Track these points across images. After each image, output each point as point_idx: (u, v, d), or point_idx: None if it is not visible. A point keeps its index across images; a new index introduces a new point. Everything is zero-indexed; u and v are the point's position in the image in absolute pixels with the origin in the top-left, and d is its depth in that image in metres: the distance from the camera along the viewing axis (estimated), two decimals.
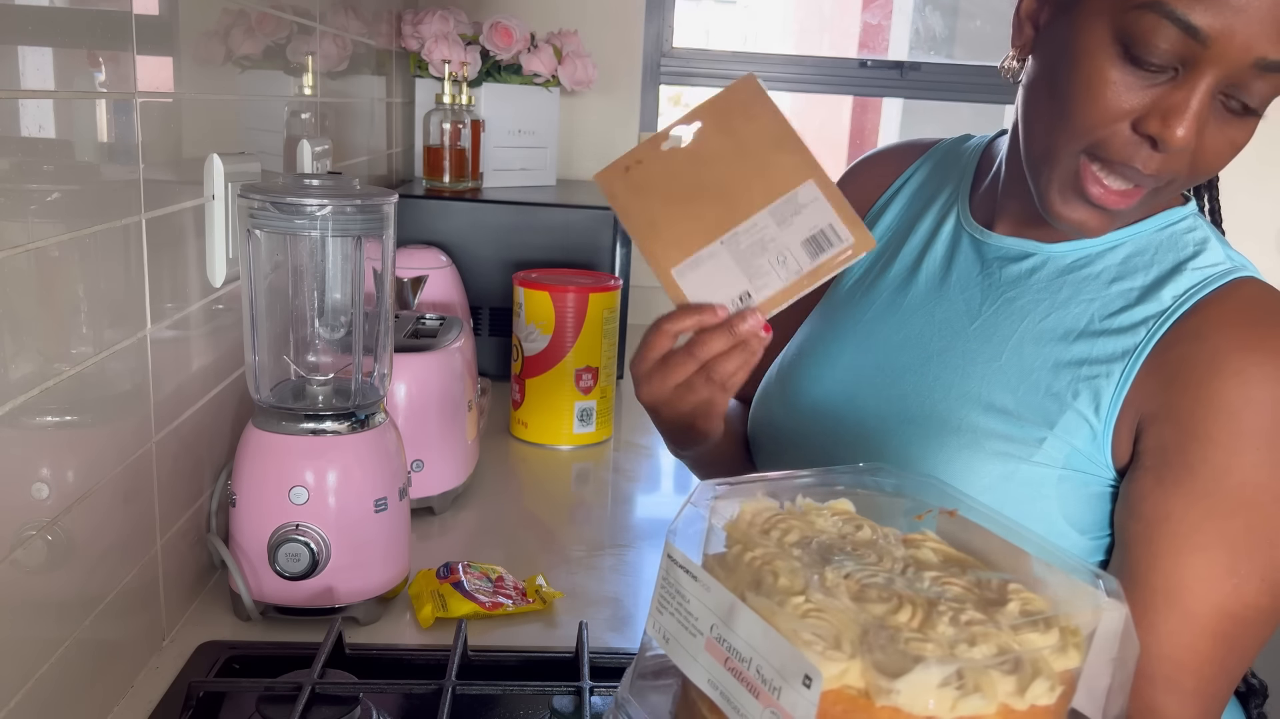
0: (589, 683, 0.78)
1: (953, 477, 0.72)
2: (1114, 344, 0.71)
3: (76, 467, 0.71)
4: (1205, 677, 0.69)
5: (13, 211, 0.62)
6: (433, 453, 1.19)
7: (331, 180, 0.93)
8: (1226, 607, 0.67)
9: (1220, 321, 0.68)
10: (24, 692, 0.66)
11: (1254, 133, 0.70)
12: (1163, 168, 0.68)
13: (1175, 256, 0.73)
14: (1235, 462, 0.66)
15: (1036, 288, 0.76)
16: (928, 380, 0.78)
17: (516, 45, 1.97)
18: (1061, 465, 0.71)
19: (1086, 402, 0.70)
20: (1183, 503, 0.67)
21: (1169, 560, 0.68)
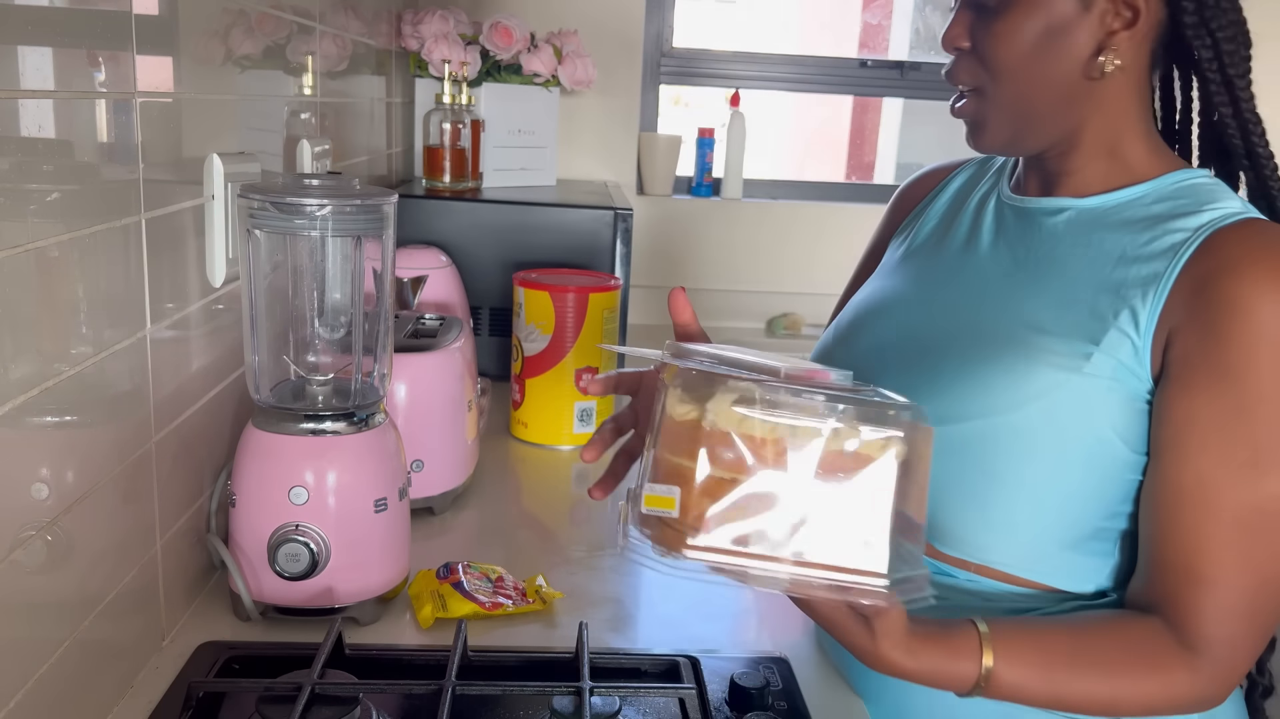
0: (589, 683, 0.78)
1: (1010, 383, 0.79)
2: (1146, 268, 0.77)
3: (76, 467, 0.71)
4: (1225, 564, 0.73)
5: (12, 211, 0.62)
6: (433, 453, 1.19)
7: (331, 180, 0.93)
8: (1248, 499, 0.72)
9: (1236, 244, 0.74)
10: (24, 692, 0.66)
11: (1028, 20, 0.78)
12: (958, 69, 0.84)
13: (1195, 201, 0.79)
14: (1253, 360, 0.71)
15: (1073, 235, 0.84)
16: (982, 312, 0.85)
17: (516, 45, 1.97)
18: (1109, 378, 0.76)
19: (1127, 319, 0.77)
20: (1206, 403, 0.73)
21: (1195, 459, 0.73)
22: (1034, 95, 0.81)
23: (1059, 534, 0.80)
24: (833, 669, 0.92)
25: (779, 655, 0.92)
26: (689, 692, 0.81)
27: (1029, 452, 0.78)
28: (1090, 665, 0.74)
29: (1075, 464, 0.78)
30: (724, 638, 0.96)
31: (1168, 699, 0.75)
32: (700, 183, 2.53)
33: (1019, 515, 0.79)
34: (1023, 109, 0.82)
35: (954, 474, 0.79)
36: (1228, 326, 0.72)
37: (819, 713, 0.84)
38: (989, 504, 0.80)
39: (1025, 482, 0.78)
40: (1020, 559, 0.81)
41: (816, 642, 0.95)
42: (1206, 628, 0.74)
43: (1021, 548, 0.81)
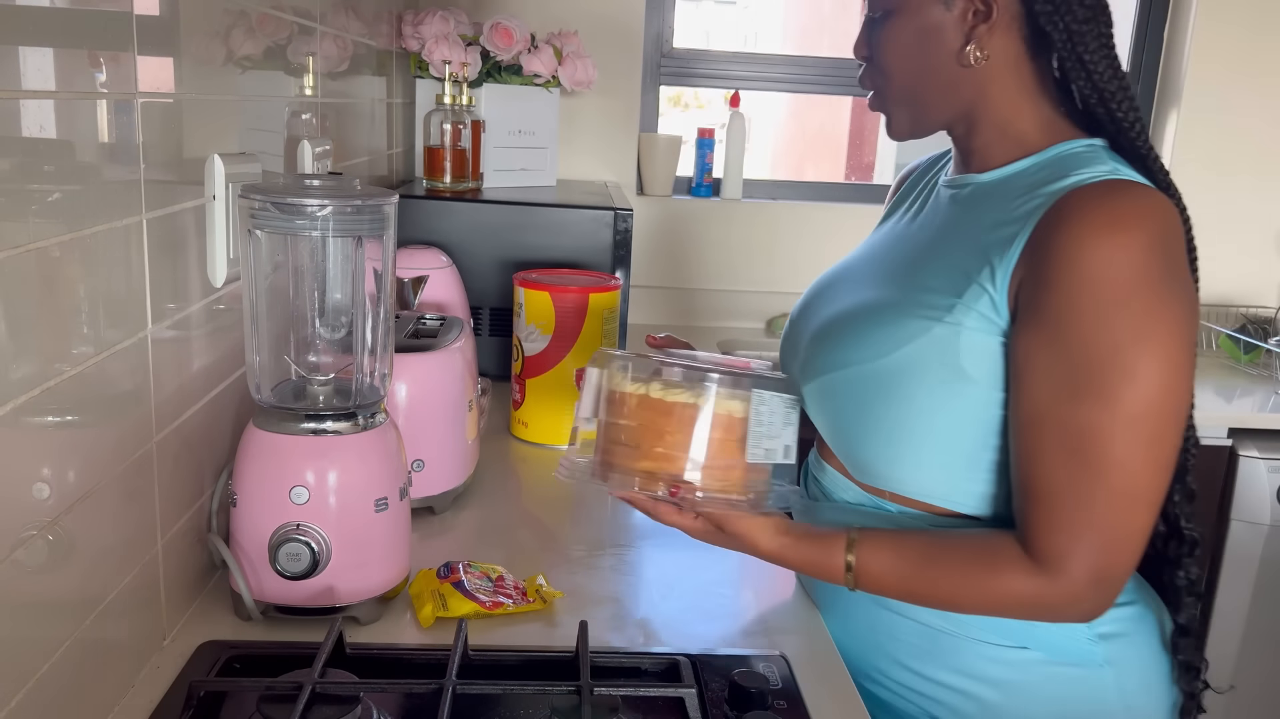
0: (589, 683, 0.78)
1: (885, 333, 0.92)
2: (1007, 230, 0.88)
3: (77, 466, 0.71)
4: (1054, 482, 0.83)
5: (14, 212, 0.63)
6: (433, 453, 1.19)
7: (332, 181, 0.93)
8: (1070, 424, 0.82)
9: (1076, 202, 0.84)
10: (25, 691, 0.66)
11: (904, 27, 0.92)
12: (863, 75, 0.98)
13: (1065, 169, 0.89)
14: (1074, 304, 0.81)
15: (967, 206, 0.96)
16: (887, 281, 0.99)
17: (517, 46, 1.97)
18: (967, 326, 0.88)
19: (986, 275, 0.88)
20: (1039, 343, 0.84)
21: (1031, 391, 0.84)
22: (919, 87, 0.94)
23: (947, 462, 0.91)
24: (832, 668, 0.93)
25: (779, 655, 0.92)
26: (689, 691, 0.81)
27: (901, 390, 0.90)
28: (938, 563, 0.87)
29: (945, 399, 0.89)
30: (724, 638, 0.97)
31: (1003, 598, 0.86)
32: (700, 183, 2.53)
33: (910, 446, 0.91)
34: (913, 99, 0.96)
35: (851, 413, 0.95)
36: (1055, 274, 0.82)
37: (819, 713, 0.85)
38: (886, 437, 0.92)
39: (907, 416, 0.91)
40: (924, 486, 0.93)
41: (800, 586, 1.09)
42: (1042, 539, 0.84)
43: (922, 476, 0.92)
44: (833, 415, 0.97)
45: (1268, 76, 2.47)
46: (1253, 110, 2.48)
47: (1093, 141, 0.92)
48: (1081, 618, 0.86)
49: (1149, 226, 0.82)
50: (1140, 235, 0.82)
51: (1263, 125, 2.49)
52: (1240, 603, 2.05)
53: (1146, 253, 0.81)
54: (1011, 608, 0.86)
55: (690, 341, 1.16)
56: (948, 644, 0.93)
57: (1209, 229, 2.57)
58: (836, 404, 0.96)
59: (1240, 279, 2.56)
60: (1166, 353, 0.81)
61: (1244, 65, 2.45)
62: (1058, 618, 0.87)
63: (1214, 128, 2.48)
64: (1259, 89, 2.47)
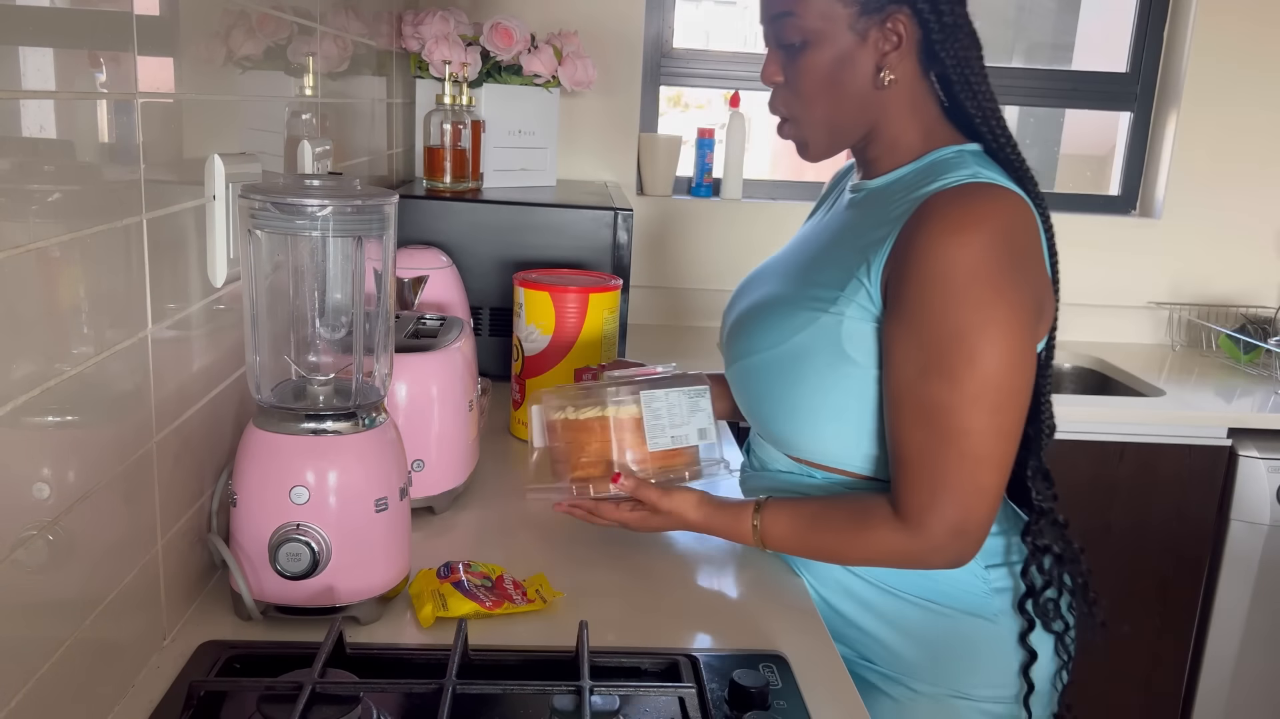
0: (589, 683, 0.78)
1: (780, 323, 1.06)
2: (882, 231, 1.00)
3: (77, 466, 0.71)
4: (913, 449, 0.96)
5: (14, 212, 0.63)
6: (433, 453, 1.19)
7: (332, 181, 0.93)
8: (921, 398, 0.95)
9: (935, 204, 0.96)
10: (25, 691, 0.66)
11: (821, 56, 1.01)
12: (779, 100, 1.06)
13: (936, 176, 1.00)
14: (924, 293, 0.94)
15: (856, 211, 1.08)
16: (787, 274, 1.11)
17: (517, 46, 1.97)
18: (848, 315, 1.01)
19: (863, 271, 1.00)
20: (899, 329, 0.96)
21: (894, 371, 0.97)
22: (837, 110, 1.04)
23: (841, 432, 1.04)
24: (832, 668, 0.93)
25: (779, 655, 0.92)
26: (689, 691, 0.81)
27: (800, 372, 1.04)
28: (824, 523, 1.02)
29: (833, 379, 1.02)
30: (724, 638, 0.97)
31: (878, 550, 0.99)
32: (700, 183, 2.53)
33: (809, 420, 1.05)
34: (830, 123, 1.05)
35: (759, 393, 1.09)
36: (911, 270, 0.95)
37: (819, 713, 0.85)
38: (790, 413, 1.06)
39: (804, 394, 1.04)
40: (829, 454, 1.07)
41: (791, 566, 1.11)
42: (906, 499, 0.97)
43: (824, 445, 1.06)
44: (748, 396, 1.12)
45: (1268, 76, 2.47)
46: (1252, 110, 2.48)
47: (964, 147, 1.03)
48: (947, 565, 0.99)
49: (993, 224, 0.93)
50: (983, 233, 0.93)
51: (1262, 125, 2.49)
52: (1240, 603, 2.05)
53: (987, 248, 0.92)
54: (885, 559, 1.00)
55: (642, 361, 1.31)
56: (871, 592, 1.06)
57: (1209, 229, 2.58)
58: (750, 387, 1.11)
59: (1240, 279, 2.56)
60: (1006, 336, 0.93)
61: (1244, 65, 2.45)
62: (924, 566, 1.00)
63: (1214, 127, 2.49)
64: (1259, 89, 2.47)
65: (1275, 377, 2.26)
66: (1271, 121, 2.49)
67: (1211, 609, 2.06)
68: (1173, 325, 2.54)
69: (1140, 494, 2.03)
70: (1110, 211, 2.63)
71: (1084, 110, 2.70)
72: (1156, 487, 2.03)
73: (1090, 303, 2.55)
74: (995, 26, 2.79)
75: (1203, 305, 2.54)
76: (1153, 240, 2.54)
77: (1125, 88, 2.58)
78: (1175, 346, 2.53)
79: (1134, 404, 2.07)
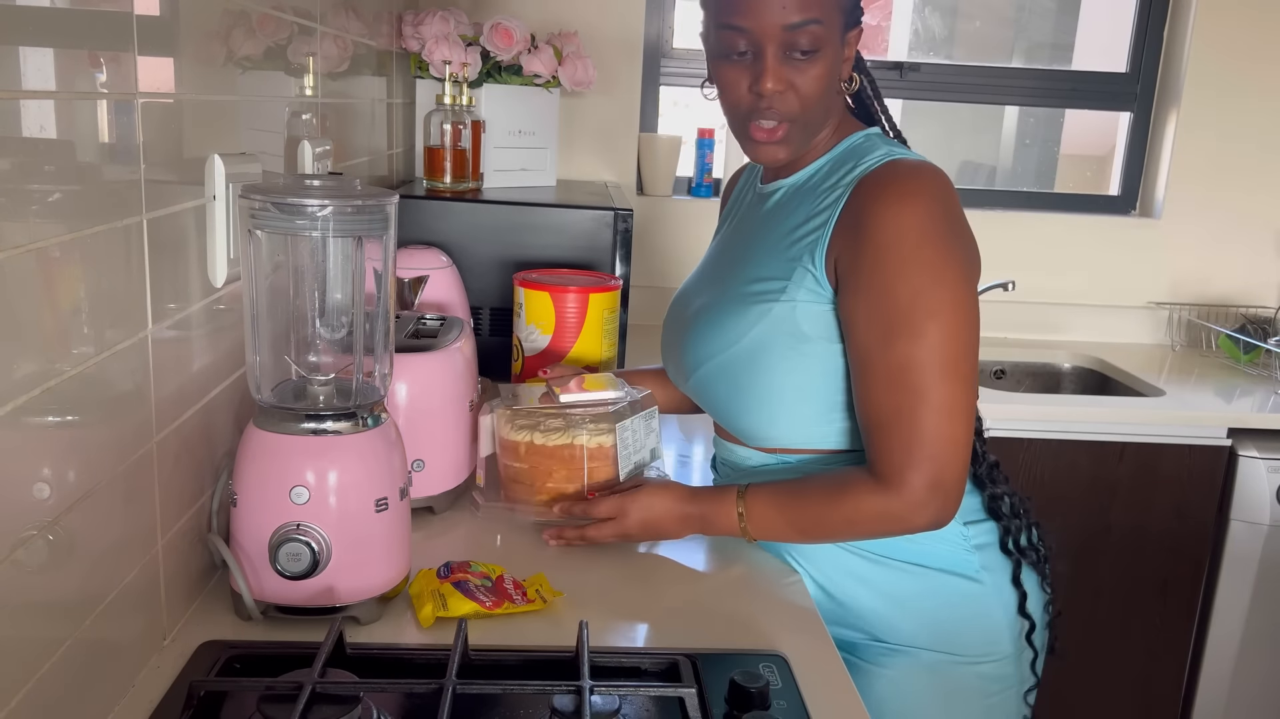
0: (589, 683, 0.78)
1: (733, 322, 1.09)
2: (819, 219, 1.06)
3: (78, 466, 0.71)
4: (886, 411, 1.00)
5: (14, 212, 0.63)
6: (433, 453, 1.19)
7: (332, 181, 0.93)
8: (888, 361, 0.99)
9: (870, 182, 1.03)
10: (25, 691, 0.66)
11: (828, 64, 1.04)
12: (780, 106, 1.04)
13: (856, 160, 1.07)
14: (879, 260, 0.99)
15: (782, 206, 1.13)
16: (725, 279, 1.15)
17: (517, 46, 1.97)
18: (798, 300, 1.05)
19: (806, 258, 1.05)
20: (858, 299, 1.01)
21: (855, 343, 1.02)
22: (820, 115, 1.08)
23: (811, 411, 1.08)
24: (832, 668, 0.93)
25: (779, 655, 0.92)
26: (689, 691, 0.81)
27: (761, 363, 1.08)
28: (806, 497, 1.05)
29: (795, 361, 1.06)
30: (724, 638, 0.97)
31: (861, 517, 1.02)
32: (700, 183, 2.53)
33: (779, 406, 1.09)
34: (814, 127, 1.09)
35: (727, 393, 1.12)
36: (862, 244, 1.00)
37: (819, 713, 0.85)
38: (759, 404, 1.10)
39: (770, 382, 1.08)
40: (801, 435, 1.10)
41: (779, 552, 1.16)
42: (882, 461, 1.00)
43: (796, 428, 1.10)
44: (714, 400, 1.15)
45: (1267, 76, 2.47)
46: (1252, 110, 2.48)
47: (868, 132, 1.12)
48: (930, 524, 1.01)
49: (929, 192, 1.00)
50: (921, 201, 0.99)
51: (1262, 125, 2.49)
52: (1240, 603, 2.05)
53: (929, 214, 0.99)
54: (869, 524, 1.02)
55: (582, 369, 1.37)
56: (857, 562, 1.10)
57: (1209, 229, 2.58)
58: (714, 390, 1.13)
59: (1240, 279, 2.56)
60: (958, 290, 0.99)
61: (1244, 65, 2.45)
62: (908, 527, 1.02)
63: (1214, 128, 2.49)
64: (1259, 89, 2.47)
65: (1275, 376, 2.26)
66: (1271, 121, 2.49)
67: (1211, 609, 2.06)
68: (1173, 325, 2.54)
69: (1140, 494, 2.03)
70: (1110, 212, 2.63)
71: (1084, 110, 2.70)
72: (1156, 487, 2.03)
73: (1090, 303, 2.55)
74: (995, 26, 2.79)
75: (1203, 305, 2.54)
76: (1153, 240, 2.54)
77: (1125, 88, 2.59)
78: (1175, 346, 2.53)
79: (1134, 404, 2.07)
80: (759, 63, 1.03)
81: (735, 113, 1.08)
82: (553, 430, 1.15)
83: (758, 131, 1.06)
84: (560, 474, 1.15)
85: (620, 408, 1.18)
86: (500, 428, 1.17)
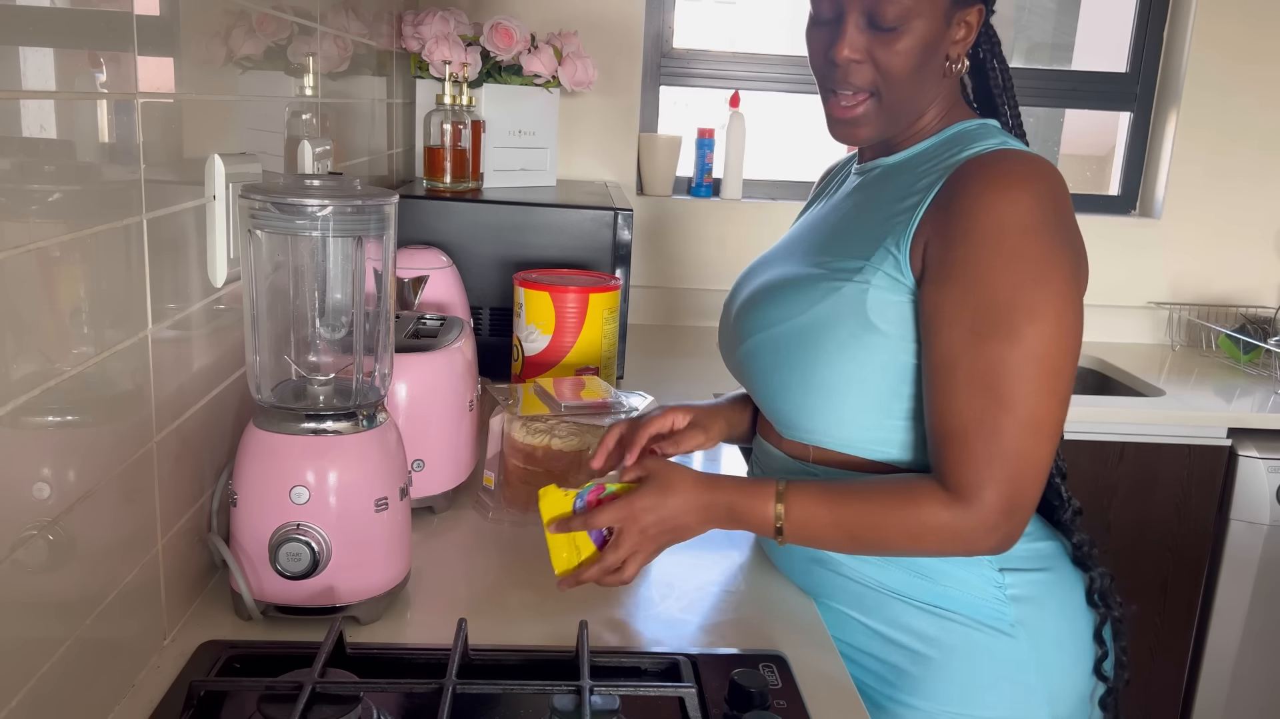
0: (589, 682, 0.78)
1: (799, 295, 1.02)
2: (910, 200, 0.98)
3: (78, 466, 0.71)
4: (967, 419, 0.90)
5: (14, 212, 0.63)
6: (433, 453, 1.19)
7: (332, 181, 0.93)
8: (979, 363, 0.90)
9: (971, 169, 0.94)
10: (25, 691, 0.66)
11: (918, 40, 0.97)
12: (855, 78, 0.99)
13: (962, 145, 0.99)
14: (973, 253, 0.90)
15: (874, 186, 1.06)
16: (805, 254, 1.07)
17: (517, 46, 1.97)
18: (874, 284, 0.97)
19: (890, 239, 0.97)
20: (946, 293, 0.92)
21: (941, 338, 0.92)
22: (911, 94, 1.00)
23: (862, 409, 0.99)
24: (832, 668, 0.93)
25: (779, 655, 0.92)
26: (689, 691, 0.81)
27: (817, 343, 0.99)
28: (864, 497, 0.94)
29: (855, 350, 0.97)
30: (724, 638, 0.97)
31: (924, 530, 0.92)
32: (700, 183, 2.53)
33: (827, 395, 0.99)
34: (900, 105, 1.01)
35: (773, 369, 1.03)
36: (958, 231, 0.91)
37: (819, 713, 0.85)
38: (804, 388, 1.00)
39: (823, 366, 0.98)
40: (843, 435, 1.00)
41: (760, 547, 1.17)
42: (957, 473, 0.91)
43: (841, 424, 1.00)
44: (758, 374, 1.06)
45: (1268, 76, 2.46)
46: (1252, 110, 2.48)
47: (987, 121, 1.04)
48: (994, 548, 0.92)
49: (1036, 183, 0.91)
50: (1029, 191, 0.91)
51: (1262, 125, 2.49)
52: (1240, 603, 2.05)
53: (1036, 206, 0.90)
54: (931, 540, 0.92)
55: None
56: (873, 600, 1.01)
57: (1209, 229, 2.58)
58: (760, 364, 1.05)
59: (1240, 279, 2.56)
60: (1062, 293, 0.90)
61: (1244, 65, 2.45)
62: (973, 548, 0.92)
63: (1214, 127, 2.48)
64: (1259, 89, 2.47)
65: (1275, 376, 2.26)
66: (1271, 121, 2.49)
67: (1211, 609, 2.06)
68: (1172, 325, 2.54)
69: (1140, 494, 2.03)
70: (1110, 211, 2.63)
71: (1084, 110, 2.70)
72: (1156, 487, 2.03)
73: (1090, 303, 2.52)
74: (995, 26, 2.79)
75: (1202, 305, 2.54)
76: (1153, 240, 2.54)
77: (1125, 88, 2.58)
78: (1175, 346, 2.53)
79: (1134, 404, 2.07)
80: (838, 27, 0.98)
81: (818, 83, 1.03)
82: (570, 435, 1.16)
83: (835, 107, 1.01)
84: (574, 479, 1.15)
85: (635, 415, 1.18)
86: (514, 430, 1.17)
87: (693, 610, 1.02)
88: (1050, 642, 0.98)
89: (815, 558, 1.03)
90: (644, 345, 2.19)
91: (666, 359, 2.14)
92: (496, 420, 1.21)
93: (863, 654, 1.03)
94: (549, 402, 1.22)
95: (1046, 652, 0.98)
